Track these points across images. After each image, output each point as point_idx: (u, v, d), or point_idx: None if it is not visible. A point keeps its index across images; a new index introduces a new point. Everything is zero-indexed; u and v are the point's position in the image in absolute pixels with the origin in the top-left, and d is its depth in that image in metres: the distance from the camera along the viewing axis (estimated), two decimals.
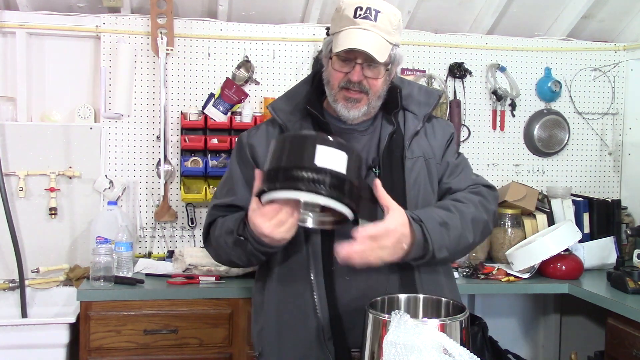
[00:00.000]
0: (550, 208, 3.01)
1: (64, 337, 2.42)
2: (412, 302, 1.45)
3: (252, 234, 1.44)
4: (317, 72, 1.67)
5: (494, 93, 3.21)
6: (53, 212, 2.81)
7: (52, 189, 2.81)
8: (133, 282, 2.45)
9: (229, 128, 2.92)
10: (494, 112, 3.27)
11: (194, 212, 2.96)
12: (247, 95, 2.97)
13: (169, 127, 2.95)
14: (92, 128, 2.89)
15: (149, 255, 2.93)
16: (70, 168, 2.85)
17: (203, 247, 1.79)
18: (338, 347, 1.51)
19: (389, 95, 1.63)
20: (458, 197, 1.61)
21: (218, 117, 2.92)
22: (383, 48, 1.49)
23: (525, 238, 2.87)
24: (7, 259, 2.76)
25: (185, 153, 2.91)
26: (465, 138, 3.22)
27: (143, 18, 2.92)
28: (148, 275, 2.56)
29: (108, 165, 2.92)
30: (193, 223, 2.95)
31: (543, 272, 2.69)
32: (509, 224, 2.89)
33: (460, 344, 1.20)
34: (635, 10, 3.20)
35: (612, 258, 2.84)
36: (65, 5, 2.89)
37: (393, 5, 1.55)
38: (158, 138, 2.91)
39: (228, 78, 2.97)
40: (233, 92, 2.93)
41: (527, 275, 2.65)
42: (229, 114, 2.94)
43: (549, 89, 3.25)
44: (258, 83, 3.04)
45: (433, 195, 1.63)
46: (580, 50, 3.33)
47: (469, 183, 1.68)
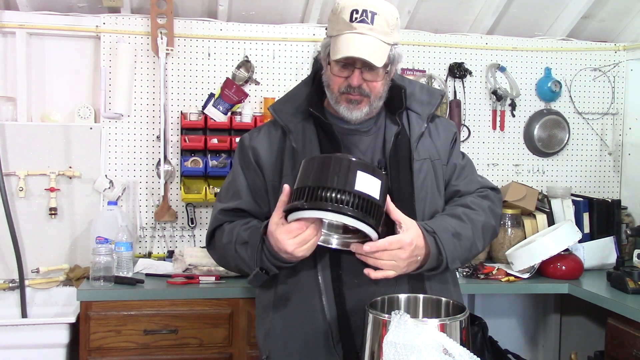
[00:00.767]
0: (550, 208, 3.00)
1: (64, 337, 2.42)
2: (412, 302, 1.45)
3: (269, 248, 1.44)
4: (317, 72, 1.66)
5: (494, 93, 3.21)
6: (53, 212, 2.81)
7: (52, 189, 2.81)
8: (133, 282, 2.45)
9: (229, 128, 2.92)
10: (494, 112, 3.27)
11: (194, 212, 2.96)
12: (247, 95, 2.97)
13: (169, 127, 2.95)
14: (92, 128, 2.89)
15: (149, 255, 2.93)
16: (70, 168, 2.85)
17: (203, 247, 1.80)
18: (346, 350, 1.51)
19: (392, 94, 1.62)
20: (468, 203, 1.62)
21: (218, 117, 2.92)
22: (381, 51, 1.48)
23: (525, 238, 2.87)
24: (7, 259, 2.76)
25: (185, 153, 2.91)
26: (465, 138, 3.22)
27: (143, 18, 2.92)
28: (148, 275, 2.56)
29: (108, 165, 2.92)
30: (193, 223, 2.95)
31: (543, 272, 2.69)
32: (509, 224, 2.88)
33: (460, 344, 1.20)
34: (635, 10, 3.20)
35: (612, 258, 2.84)
36: (65, 5, 2.89)
37: (390, 4, 1.53)
38: (158, 138, 2.91)
39: (228, 78, 2.97)
40: (233, 92, 2.93)
41: (527, 275, 2.65)
42: (229, 114, 2.94)
43: (549, 89, 3.25)
44: (258, 83, 3.04)
45: (440, 197, 1.63)
46: (580, 50, 3.33)
47: (477, 186, 1.69)
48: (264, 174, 1.62)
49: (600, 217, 3.03)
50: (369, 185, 1.32)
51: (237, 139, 2.71)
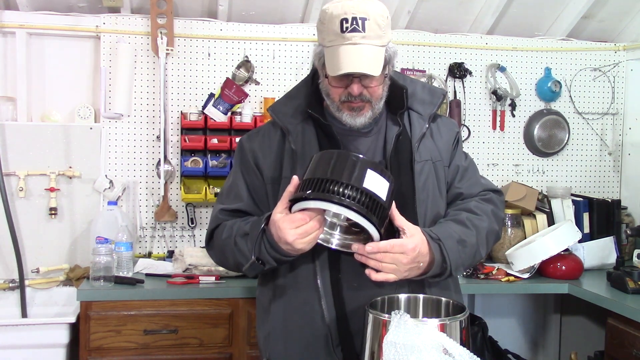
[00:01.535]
0: (550, 208, 3.00)
1: (64, 337, 2.42)
2: (412, 302, 1.45)
3: (269, 239, 1.43)
4: (315, 71, 1.64)
5: (494, 93, 3.21)
6: (53, 212, 2.81)
7: (52, 189, 2.81)
8: (133, 282, 2.45)
9: (229, 128, 2.92)
10: (494, 112, 3.27)
11: (194, 212, 2.96)
12: (247, 95, 2.97)
13: (169, 127, 2.95)
14: (92, 128, 2.89)
15: (149, 255, 2.93)
16: (70, 168, 2.85)
17: (203, 247, 1.79)
18: (346, 353, 1.50)
19: (393, 94, 1.60)
20: (472, 208, 1.60)
21: (218, 117, 2.92)
22: (377, 59, 1.46)
23: (525, 238, 2.87)
24: (7, 259, 2.76)
25: (185, 153, 2.91)
26: (465, 138, 3.22)
27: (143, 18, 2.92)
28: (148, 275, 2.56)
29: (108, 165, 2.92)
30: (193, 223, 2.95)
31: (543, 272, 2.69)
32: (509, 224, 2.88)
33: (460, 344, 1.20)
34: (635, 10, 3.20)
35: (612, 258, 2.84)
36: (65, 5, 2.89)
37: (377, 2, 1.48)
38: (158, 138, 2.91)
39: (228, 78, 2.97)
40: (233, 92, 2.93)
41: (527, 275, 2.65)
42: (229, 114, 2.94)
43: (549, 89, 3.25)
44: (258, 83, 3.04)
45: (441, 199, 1.62)
46: (580, 50, 3.33)
47: (480, 188, 1.68)
48: (263, 176, 1.61)
49: (600, 217, 3.03)
50: (377, 185, 1.32)
51: (237, 139, 2.71)
